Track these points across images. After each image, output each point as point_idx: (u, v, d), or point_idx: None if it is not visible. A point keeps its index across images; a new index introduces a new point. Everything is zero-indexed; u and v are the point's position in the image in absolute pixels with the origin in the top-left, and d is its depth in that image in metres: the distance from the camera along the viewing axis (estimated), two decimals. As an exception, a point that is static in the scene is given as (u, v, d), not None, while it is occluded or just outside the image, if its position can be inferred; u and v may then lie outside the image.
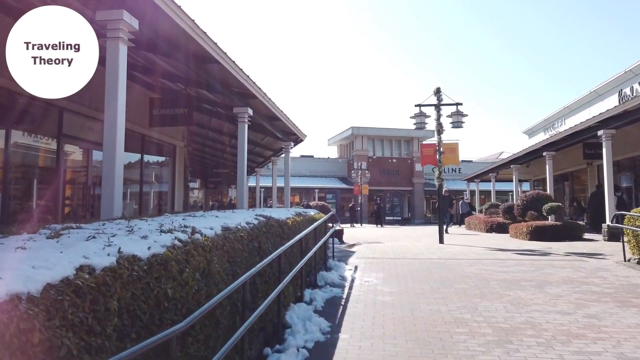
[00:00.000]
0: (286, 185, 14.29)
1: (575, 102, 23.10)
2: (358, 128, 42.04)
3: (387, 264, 8.41)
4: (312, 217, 7.06)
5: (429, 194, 44.31)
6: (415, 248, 11.99)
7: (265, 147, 17.55)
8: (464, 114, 13.88)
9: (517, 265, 8.00)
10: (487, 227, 19.41)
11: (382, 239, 16.92)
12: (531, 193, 15.51)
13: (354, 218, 32.76)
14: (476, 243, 13.38)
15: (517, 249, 11.09)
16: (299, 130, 13.92)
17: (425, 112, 14.09)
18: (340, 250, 11.80)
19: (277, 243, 4.59)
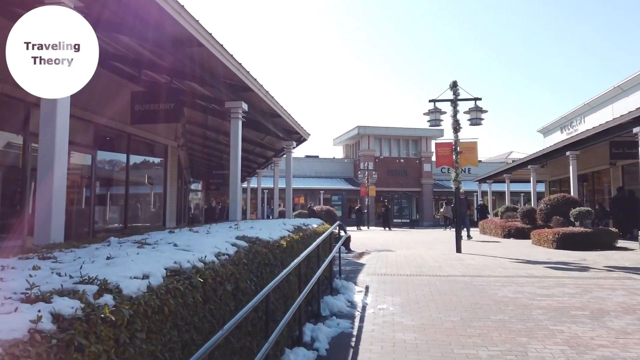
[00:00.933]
0: (288, 188, 13.09)
1: (596, 98, 21.71)
2: (364, 127, 40.79)
3: (404, 283, 7.17)
4: (314, 231, 5.85)
5: (437, 195, 42.98)
6: (432, 259, 10.74)
7: (267, 147, 16.36)
8: (483, 109, 12.61)
9: (559, 286, 6.74)
10: (504, 232, 18.10)
11: (392, 245, 15.67)
12: (556, 196, 14.20)
13: (360, 221, 31.52)
14: (498, 252, 12.10)
15: (547, 261, 9.81)
16: (302, 129, 12.71)
17: (440, 108, 12.83)
18: (348, 261, 10.57)
19: (265, 275, 3.39)
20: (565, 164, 23.10)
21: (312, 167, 43.28)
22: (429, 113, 12.87)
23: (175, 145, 13.57)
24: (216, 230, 3.81)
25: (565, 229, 12.59)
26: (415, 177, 41.38)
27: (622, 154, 15.75)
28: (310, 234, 5.41)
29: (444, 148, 12.85)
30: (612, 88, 19.95)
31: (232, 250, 2.91)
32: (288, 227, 4.94)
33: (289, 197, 12.91)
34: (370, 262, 10.42)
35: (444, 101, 12.78)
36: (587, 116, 23.14)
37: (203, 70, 7.60)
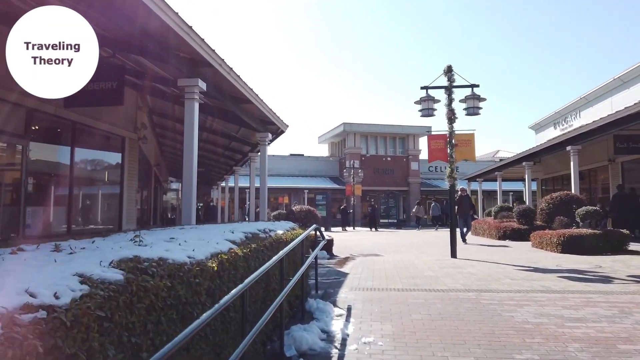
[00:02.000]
0: (262, 186, 11.61)
1: (593, 91, 20.62)
2: (350, 124, 39.44)
3: (395, 302, 5.74)
4: (278, 239, 4.37)
5: (425, 195, 41.83)
6: (425, 266, 9.35)
7: (243, 141, 14.86)
8: (480, 97, 11.28)
9: (588, 305, 5.38)
10: (499, 233, 16.84)
11: (379, 249, 14.28)
12: (559, 194, 12.94)
13: (345, 221, 30.13)
14: (498, 257, 10.78)
15: (559, 269, 8.50)
16: (278, 119, 11.23)
17: (434, 97, 11.47)
18: (328, 270, 9.14)
19: (160, 329, 1.92)
20: (559, 161, 22.02)
21: (296, 165, 41.85)
22: (420, 101, 11.49)
23: (134, 137, 12.00)
24: (96, 247, 2.33)
25: (571, 230, 11.33)
26: (403, 175, 40.17)
27: (627, 149, 14.57)
28: (270, 245, 3.97)
29: (437, 141, 11.48)
30: (611, 80, 18.85)
31: (67, 298, 1.44)
32: (237, 236, 3.49)
33: (264, 196, 11.43)
34: (354, 270, 9.00)
35: (437, 88, 11.42)
36: (583, 110, 22.07)
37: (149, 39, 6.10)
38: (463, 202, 14.96)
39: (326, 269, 9.26)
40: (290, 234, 5.06)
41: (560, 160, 21.69)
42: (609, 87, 19.29)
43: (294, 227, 5.95)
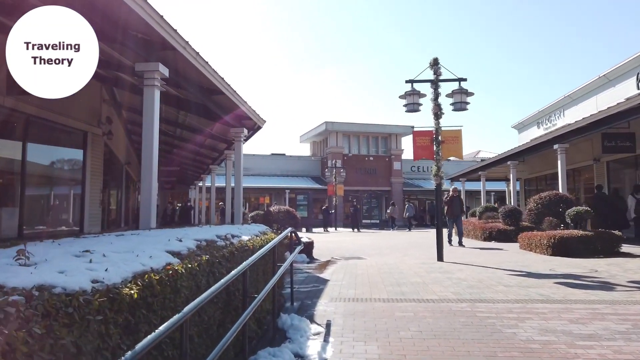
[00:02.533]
0: (237, 185, 10.84)
1: (578, 90, 20.34)
2: (332, 123, 38.80)
3: (380, 316, 5.06)
4: (242, 247, 3.60)
5: (407, 195, 41.46)
6: (411, 271, 8.71)
7: (218, 137, 14.06)
8: (468, 92, 10.71)
9: (597, 319, 4.78)
10: (484, 234, 16.37)
11: (362, 251, 13.64)
12: (548, 194, 12.46)
13: (327, 221, 29.46)
14: (486, 260, 10.22)
15: (554, 274, 7.95)
16: (254, 113, 10.48)
17: (419, 91, 10.86)
18: (307, 276, 8.43)
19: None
20: (543, 161, 21.74)
21: (277, 165, 41.07)
22: (405, 96, 10.87)
23: (98, 132, 11.12)
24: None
25: (562, 232, 10.84)
26: (385, 175, 39.72)
27: (615, 147, 14.22)
28: (230, 255, 3.24)
29: (422, 138, 10.87)
30: (596, 78, 18.57)
31: None
32: (184, 246, 2.75)
33: (239, 196, 10.65)
34: (335, 276, 8.30)
35: (423, 82, 10.82)
36: (567, 109, 21.82)
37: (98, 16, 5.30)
38: (454, 202, 14.25)
39: (305, 275, 8.56)
40: (259, 239, 4.33)
41: (544, 159, 21.41)
42: (594, 86, 19.02)
43: (265, 230, 5.22)
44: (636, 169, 16.09)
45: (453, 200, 14.28)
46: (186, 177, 26.02)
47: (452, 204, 14.26)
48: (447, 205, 14.18)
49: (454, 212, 14.38)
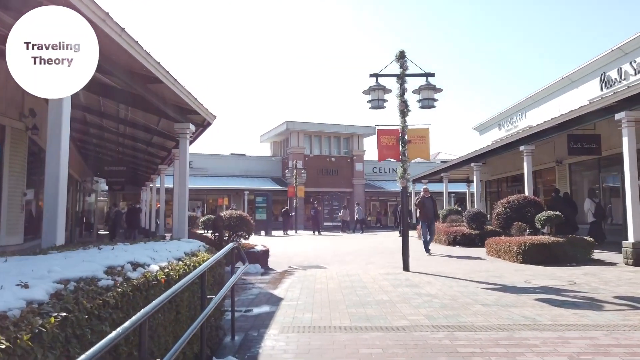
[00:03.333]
0: (180, 187, 9.61)
1: (540, 91, 20.25)
2: (293, 123, 37.76)
3: (342, 356, 4.08)
4: (144, 283, 2.45)
5: (369, 196, 40.99)
6: (376, 285, 7.81)
7: (163, 134, 12.77)
8: (436, 88, 9.95)
9: (602, 353, 3.95)
10: (448, 239, 15.79)
11: (323, 258, 12.69)
12: (516, 197, 11.90)
13: (287, 225, 28.38)
14: (455, 270, 9.47)
15: (531, 287, 7.24)
16: (201, 106, 9.31)
17: (384, 86, 10.00)
18: (258, 294, 7.37)
19: None
20: (504, 163, 21.49)
21: (237, 165, 39.66)
22: (369, 91, 9.99)
23: (21, 127, 9.66)
24: None
25: (532, 238, 10.25)
26: (347, 176, 39.04)
27: (580, 149, 13.90)
28: (121, 299, 2.14)
29: (388, 137, 10.02)
30: (560, 79, 18.43)
31: None
32: (24, 298, 1.68)
33: (182, 201, 9.43)
34: (290, 293, 7.28)
35: (388, 76, 9.97)
36: (529, 111, 21.71)
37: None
38: (426, 204, 12.86)
39: (256, 291, 7.49)
40: (182, 265, 3.24)
41: (505, 161, 21.17)
42: (557, 87, 18.91)
43: (196, 250, 4.11)
44: (599, 171, 15.94)
45: (425, 202, 12.85)
46: (136, 177, 24.32)
47: (425, 206, 12.84)
48: (419, 208, 13.06)
49: (427, 215, 12.87)
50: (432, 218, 13.10)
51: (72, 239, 19.36)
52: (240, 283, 8.40)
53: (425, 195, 12.88)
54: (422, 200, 12.81)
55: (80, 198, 23.13)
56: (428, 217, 12.88)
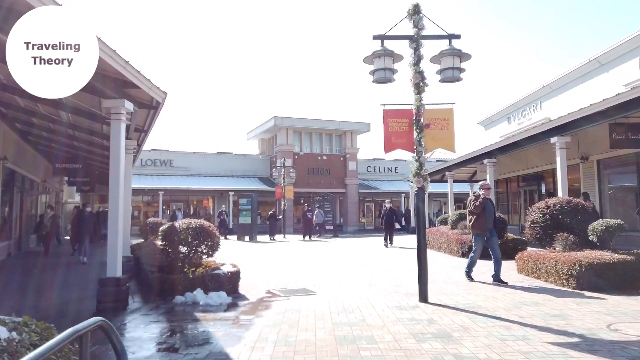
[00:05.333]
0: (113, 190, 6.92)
1: (560, 78, 17.81)
2: (282, 118, 35.13)
3: None
4: None
5: (363, 197, 38.48)
6: (389, 335, 5.27)
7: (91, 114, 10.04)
8: (463, 53, 7.39)
9: None
10: (462, 249, 13.27)
11: (312, 275, 10.12)
12: (557, 201, 9.36)
13: (274, 229, 25.74)
14: (493, 302, 6.93)
15: (626, 339, 4.72)
16: (142, 78, 6.68)
17: (393, 51, 7.42)
18: (205, 356, 4.75)
19: None
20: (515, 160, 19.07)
21: (223, 164, 36.99)
22: (373, 58, 7.40)
23: None
24: None
25: (590, 255, 7.69)
26: (340, 176, 36.49)
27: (625, 141, 11.43)
28: None
29: (397, 120, 7.43)
30: (585, 62, 15.96)
31: None
32: None
33: (113, 205, 6.76)
34: (257, 354, 4.68)
35: (397, 38, 7.40)
36: (545, 101, 19.25)
37: None
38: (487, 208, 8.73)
39: (204, 352, 4.86)
40: None
41: (517, 158, 18.78)
42: (582, 72, 16.47)
43: None
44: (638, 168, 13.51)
45: (487, 205, 8.68)
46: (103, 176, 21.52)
47: (485, 210, 8.64)
48: (475, 214, 8.66)
49: (487, 224, 8.64)
50: (493, 229, 8.80)
51: (23, 247, 16.60)
52: (190, 325, 5.82)
53: (487, 195, 8.74)
54: (484, 203, 8.63)
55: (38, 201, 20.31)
56: (488, 227, 8.65)
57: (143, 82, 6.79)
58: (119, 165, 6.76)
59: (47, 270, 11.06)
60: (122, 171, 6.80)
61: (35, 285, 9.02)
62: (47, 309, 6.88)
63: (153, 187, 31.72)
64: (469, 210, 8.84)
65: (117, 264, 6.56)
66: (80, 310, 6.75)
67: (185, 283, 7.47)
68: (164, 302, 7.22)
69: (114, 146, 6.82)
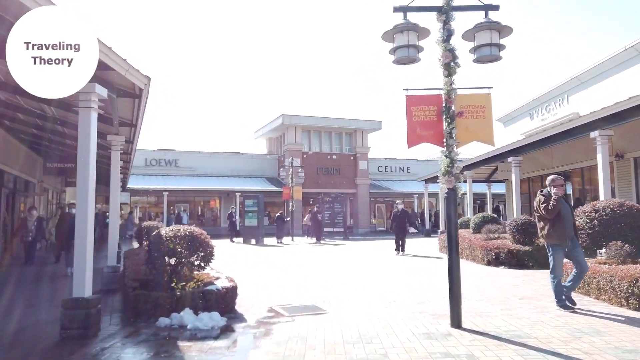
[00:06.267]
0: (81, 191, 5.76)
1: (590, 69, 16.41)
2: (290, 117, 34.01)
3: None
4: None
5: (374, 197, 37.21)
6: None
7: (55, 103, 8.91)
8: (503, 26, 6.14)
9: None
10: (488, 256, 11.98)
11: (321, 286, 8.95)
12: (608, 204, 8.05)
13: (282, 231, 24.59)
14: (544, 329, 5.68)
15: None
16: (116, 57, 5.54)
17: (417, 24, 6.19)
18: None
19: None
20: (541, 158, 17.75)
21: (230, 164, 35.98)
22: (394, 33, 6.17)
23: None
24: None
25: (654, 269, 6.43)
26: (349, 176, 35.27)
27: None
28: None
29: (422, 108, 6.19)
30: (621, 51, 14.57)
31: None
32: None
33: (81, 207, 5.61)
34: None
35: (423, 10, 6.19)
36: (573, 95, 17.85)
37: None
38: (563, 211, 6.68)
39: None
40: None
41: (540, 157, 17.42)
42: (616, 62, 15.07)
43: None
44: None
45: (562, 207, 6.68)
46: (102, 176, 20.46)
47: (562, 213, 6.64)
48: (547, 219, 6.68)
49: (567, 231, 6.62)
50: (575, 237, 6.82)
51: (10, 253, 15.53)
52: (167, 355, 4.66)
53: (560, 193, 6.65)
54: (559, 204, 6.60)
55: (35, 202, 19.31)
56: (568, 235, 6.66)
57: (117, 63, 5.64)
58: (88, 162, 5.61)
59: (20, 283, 9.80)
60: (91, 169, 5.65)
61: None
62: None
63: (157, 187, 30.77)
64: (537, 215, 6.87)
65: (86, 282, 5.41)
66: (38, 339, 5.59)
67: (172, 301, 6.32)
68: (145, 326, 6.06)
69: (82, 140, 5.67)
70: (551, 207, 6.53)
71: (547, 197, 6.70)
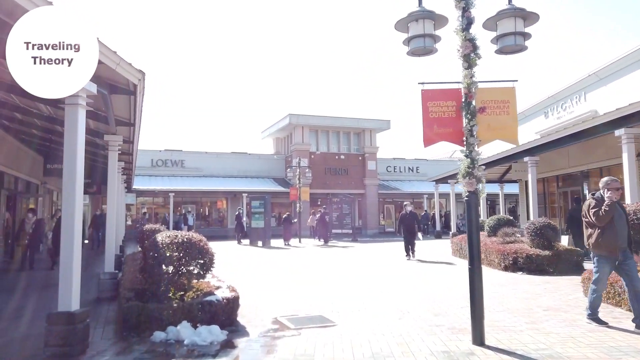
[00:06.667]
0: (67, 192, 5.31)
1: (609, 65, 15.75)
2: (297, 116, 33.55)
3: None
4: None
5: (383, 198, 36.63)
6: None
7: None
8: (528, 13, 5.58)
9: None
10: (505, 261, 11.40)
11: (330, 293, 8.43)
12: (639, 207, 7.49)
13: (289, 233, 24.12)
14: (579, 350, 5.14)
15: None
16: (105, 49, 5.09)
17: (434, 11, 5.66)
18: None
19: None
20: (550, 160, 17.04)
21: (237, 164, 35.57)
22: (408, 22, 5.66)
23: None
24: None
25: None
26: (358, 176, 34.74)
27: None
28: None
29: (439, 104, 5.66)
30: None
31: None
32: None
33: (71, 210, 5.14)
34: None
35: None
36: (590, 92, 17.17)
37: None
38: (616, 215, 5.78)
39: None
40: None
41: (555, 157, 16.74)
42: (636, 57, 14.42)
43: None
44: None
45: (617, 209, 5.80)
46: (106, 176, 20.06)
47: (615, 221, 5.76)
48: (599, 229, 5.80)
49: (619, 240, 5.75)
50: (627, 249, 5.84)
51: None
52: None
53: (615, 197, 5.78)
54: (612, 210, 5.71)
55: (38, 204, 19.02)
56: (620, 246, 5.77)
57: (106, 55, 5.18)
58: (75, 163, 5.17)
59: (10, 291, 9.34)
60: (79, 170, 5.21)
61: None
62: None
63: (163, 188, 30.45)
64: (586, 221, 5.99)
65: (72, 294, 4.95)
66: (22, 355, 5.14)
67: (168, 314, 5.85)
68: (139, 341, 5.58)
69: (68, 138, 5.23)
70: (603, 213, 5.65)
71: (598, 202, 5.82)
